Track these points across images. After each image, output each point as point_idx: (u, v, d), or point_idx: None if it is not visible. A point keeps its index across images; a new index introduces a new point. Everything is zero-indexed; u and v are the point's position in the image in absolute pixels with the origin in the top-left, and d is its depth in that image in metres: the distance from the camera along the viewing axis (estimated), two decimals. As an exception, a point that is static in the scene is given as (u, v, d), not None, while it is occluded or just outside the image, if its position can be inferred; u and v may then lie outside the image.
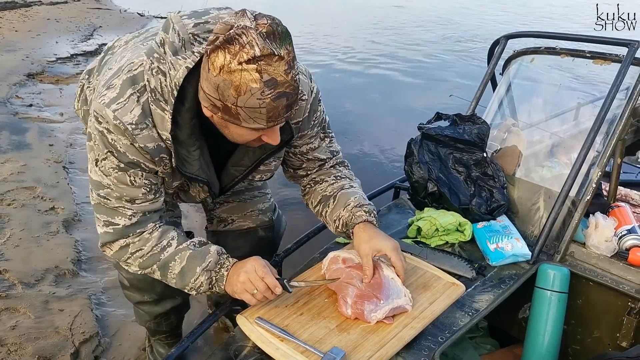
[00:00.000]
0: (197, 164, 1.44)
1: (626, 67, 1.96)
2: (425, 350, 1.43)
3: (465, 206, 2.00)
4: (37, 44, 7.93)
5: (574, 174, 1.88)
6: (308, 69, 1.58)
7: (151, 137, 1.35)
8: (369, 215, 1.61)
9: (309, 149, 1.68)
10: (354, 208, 1.61)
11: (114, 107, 1.32)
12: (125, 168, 1.39)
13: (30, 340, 2.37)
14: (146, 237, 1.49)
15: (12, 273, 2.80)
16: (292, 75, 1.19)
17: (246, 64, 1.13)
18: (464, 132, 2.08)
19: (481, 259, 1.86)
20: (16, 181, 3.83)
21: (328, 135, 1.72)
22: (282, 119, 1.26)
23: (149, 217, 1.50)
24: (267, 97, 1.17)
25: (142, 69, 1.33)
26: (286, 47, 1.18)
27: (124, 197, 1.43)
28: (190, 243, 1.53)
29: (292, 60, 1.19)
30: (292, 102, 1.24)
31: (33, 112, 5.34)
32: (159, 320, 2.10)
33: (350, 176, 1.76)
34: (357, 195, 1.66)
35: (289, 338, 1.38)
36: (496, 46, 2.55)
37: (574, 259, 1.89)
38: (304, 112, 1.55)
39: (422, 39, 10.38)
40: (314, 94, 1.57)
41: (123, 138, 1.34)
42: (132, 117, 1.32)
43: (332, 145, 1.74)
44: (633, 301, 1.75)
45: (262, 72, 1.14)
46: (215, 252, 1.51)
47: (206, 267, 1.49)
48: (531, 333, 1.78)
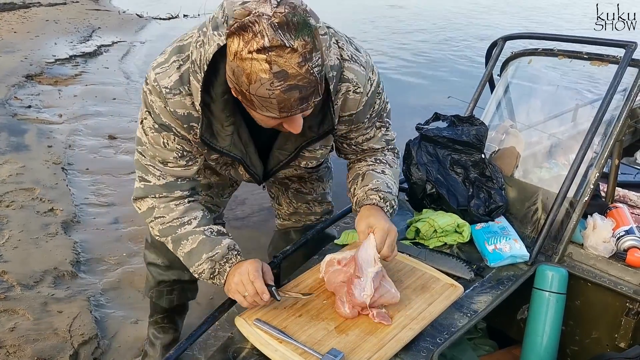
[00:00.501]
0: (229, 139, 1.45)
1: (623, 69, 1.96)
2: (423, 352, 1.43)
3: (463, 207, 2.00)
4: (35, 45, 7.92)
5: (572, 175, 1.88)
6: (370, 59, 1.53)
7: (182, 103, 1.40)
8: (381, 201, 1.59)
9: (365, 139, 1.66)
10: (370, 190, 1.60)
11: (157, 71, 1.40)
12: (159, 129, 1.46)
13: (29, 341, 2.37)
14: (172, 207, 1.56)
15: (11, 275, 2.80)
16: (307, 68, 1.16)
17: (256, 53, 1.13)
18: (462, 133, 2.08)
19: (479, 260, 1.86)
20: (15, 182, 3.83)
21: (385, 124, 1.69)
22: (297, 110, 1.23)
23: (178, 185, 1.56)
24: (277, 88, 1.16)
25: (190, 40, 1.39)
26: (303, 39, 1.14)
27: (157, 157, 1.52)
28: (209, 229, 1.56)
29: (309, 52, 1.16)
30: (308, 95, 1.21)
31: (32, 113, 5.34)
32: (162, 290, 2.11)
33: (392, 162, 1.72)
34: (381, 180, 1.63)
35: (288, 340, 1.38)
36: (494, 47, 2.55)
37: (572, 260, 1.89)
38: (359, 104, 1.51)
39: (418, 39, 10.39)
40: (372, 86, 1.52)
41: (158, 100, 1.41)
42: (169, 82, 1.38)
43: (387, 134, 1.71)
44: (631, 302, 1.75)
45: (272, 63, 1.13)
46: (225, 246, 1.53)
47: (212, 257, 1.52)
48: (530, 334, 1.78)
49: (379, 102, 1.58)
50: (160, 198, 1.56)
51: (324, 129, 1.47)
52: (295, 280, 1.64)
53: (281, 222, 2.22)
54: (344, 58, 1.44)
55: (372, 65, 1.52)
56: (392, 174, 1.70)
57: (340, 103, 1.48)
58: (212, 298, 2.77)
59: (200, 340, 1.51)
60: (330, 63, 1.37)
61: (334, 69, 1.39)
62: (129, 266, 3.01)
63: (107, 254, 3.15)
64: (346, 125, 1.57)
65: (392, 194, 1.63)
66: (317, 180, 2.06)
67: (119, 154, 4.62)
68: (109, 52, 8.29)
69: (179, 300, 2.17)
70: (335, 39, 1.43)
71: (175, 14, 11.54)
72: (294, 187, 2.07)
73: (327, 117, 1.45)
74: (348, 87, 1.46)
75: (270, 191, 2.17)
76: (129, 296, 2.80)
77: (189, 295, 2.21)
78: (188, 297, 2.22)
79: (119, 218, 3.56)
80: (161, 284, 2.10)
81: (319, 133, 1.49)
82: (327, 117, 1.45)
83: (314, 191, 2.08)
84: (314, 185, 2.07)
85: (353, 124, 1.57)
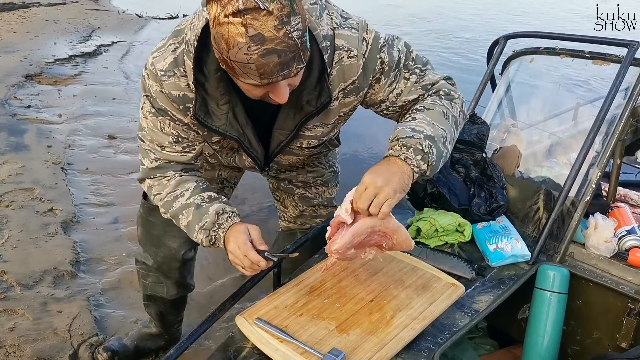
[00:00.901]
0: (225, 118, 1.45)
1: (626, 68, 1.96)
2: (425, 351, 1.43)
3: (464, 207, 2.00)
4: (35, 45, 7.91)
5: (574, 174, 1.88)
6: (363, 20, 1.46)
7: (177, 85, 1.42)
8: (401, 149, 1.38)
9: (396, 95, 1.52)
10: (391, 142, 1.43)
11: (154, 55, 1.43)
12: (156, 113, 1.49)
13: (28, 341, 2.36)
14: (164, 182, 1.59)
15: (11, 274, 2.79)
16: (285, 32, 1.14)
17: (232, 16, 1.12)
18: (464, 132, 2.07)
19: (481, 260, 1.85)
20: (14, 182, 3.82)
21: (413, 72, 1.52)
22: (279, 77, 1.21)
23: (171, 166, 1.58)
24: (254, 52, 1.15)
25: (187, 23, 1.41)
26: (279, 2, 1.13)
27: (154, 141, 1.54)
28: (199, 197, 1.56)
29: (286, 15, 1.14)
30: (288, 60, 1.19)
31: (31, 113, 5.33)
32: (138, 270, 2.12)
33: (431, 105, 1.49)
34: (402, 127, 1.43)
35: (289, 339, 1.37)
36: (495, 46, 2.55)
37: (573, 260, 1.88)
38: (357, 69, 1.43)
39: (419, 37, 10.39)
40: (369, 45, 1.43)
41: (154, 84, 1.43)
42: (164, 65, 1.41)
43: (423, 79, 1.53)
44: (633, 302, 1.75)
45: (247, 27, 1.12)
46: (213, 213, 1.53)
47: (202, 227, 1.53)
48: (531, 334, 1.77)
49: (386, 54, 1.46)
50: (155, 178, 1.60)
51: (321, 101, 1.43)
52: (295, 279, 1.63)
53: (286, 225, 2.21)
54: (334, 26, 1.41)
55: (365, 25, 1.45)
56: (426, 116, 1.46)
57: (337, 73, 1.44)
58: (211, 298, 2.77)
59: (201, 339, 1.50)
60: (322, 33, 1.36)
61: (327, 38, 1.37)
62: (128, 266, 3.00)
63: (106, 254, 3.15)
64: (354, 95, 1.49)
65: (417, 137, 1.38)
66: (322, 185, 2.05)
67: (119, 153, 4.61)
68: (108, 52, 8.28)
69: (152, 290, 2.13)
70: (328, 10, 1.42)
71: (175, 14, 11.51)
72: (299, 192, 2.06)
73: (324, 89, 1.42)
74: (340, 54, 1.42)
75: (275, 194, 2.16)
76: (129, 296, 2.79)
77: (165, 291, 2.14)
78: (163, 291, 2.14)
79: (118, 218, 3.56)
80: (137, 263, 2.12)
81: (317, 106, 1.45)
82: (324, 89, 1.42)
83: (320, 196, 2.07)
84: (319, 190, 2.06)
85: (359, 91, 1.49)
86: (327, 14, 1.41)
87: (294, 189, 2.05)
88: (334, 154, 2.06)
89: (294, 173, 1.99)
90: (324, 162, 2.02)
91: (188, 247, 2.01)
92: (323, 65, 1.38)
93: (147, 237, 2.01)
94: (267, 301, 1.53)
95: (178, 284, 2.10)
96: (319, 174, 2.02)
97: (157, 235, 1.97)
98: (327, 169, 2.03)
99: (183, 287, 2.15)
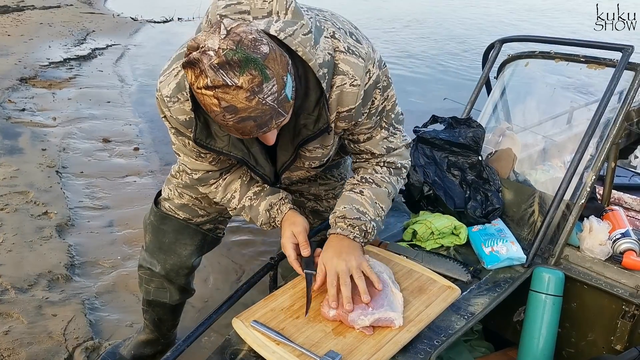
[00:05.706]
0: (227, 139, 1.45)
1: (620, 72, 1.97)
2: (421, 354, 1.43)
3: (460, 209, 2.01)
4: (29, 48, 7.89)
5: (569, 177, 1.89)
6: (372, 51, 1.47)
7: (182, 110, 1.43)
8: (347, 228, 1.58)
9: (365, 138, 1.60)
10: (337, 218, 1.61)
11: (160, 79, 1.44)
12: (176, 133, 1.53)
13: (23, 345, 2.35)
14: (213, 190, 1.69)
15: (5, 278, 2.78)
16: (258, 100, 1.16)
17: (205, 89, 1.14)
18: (460, 136, 2.08)
19: (476, 263, 1.86)
20: (9, 186, 3.80)
21: (390, 128, 1.62)
22: (259, 134, 1.26)
23: (210, 175, 1.65)
24: (230, 120, 1.18)
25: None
26: (249, 73, 1.13)
27: (187, 155, 1.60)
28: (246, 199, 1.67)
29: (257, 85, 1.14)
30: (265, 121, 1.21)
31: (26, 116, 5.31)
32: (142, 276, 2.10)
33: (381, 181, 1.64)
34: (350, 207, 1.60)
35: (285, 341, 1.37)
36: (491, 50, 2.56)
37: (568, 263, 1.89)
38: (357, 98, 1.44)
39: (413, 41, 10.42)
40: (371, 79, 1.45)
41: (164, 108, 1.45)
42: (168, 91, 1.42)
43: (392, 141, 1.63)
44: (627, 304, 1.76)
45: (219, 99, 1.14)
46: (264, 213, 1.66)
47: (262, 223, 1.68)
48: (526, 336, 1.78)
49: (379, 97, 1.51)
50: (205, 186, 1.70)
51: (318, 126, 1.43)
52: (292, 282, 1.63)
53: None
54: (340, 50, 1.40)
55: (374, 59, 1.46)
56: (373, 194, 1.62)
57: (337, 97, 1.43)
58: (206, 301, 2.76)
59: (197, 342, 1.50)
60: (319, 61, 1.33)
61: (324, 65, 1.35)
62: (123, 269, 2.99)
63: (101, 257, 3.13)
64: (346, 122, 1.51)
65: (363, 218, 1.58)
66: (333, 198, 2.01)
67: (114, 157, 4.59)
68: (103, 55, 8.26)
69: (154, 295, 2.11)
70: (331, 31, 1.40)
71: (169, 17, 11.52)
72: (310, 205, 2.04)
73: (322, 115, 1.41)
74: (343, 79, 1.41)
75: None
76: (124, 299, 2.78)
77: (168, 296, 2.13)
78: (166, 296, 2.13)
79: (113, 221, 3.55)
80: (141, 268, 2.09)
81: (314, 131, 1.45)
82: (322, 115, 1.41)
83: (331, 210, 2.05)
84: (330, 204, 2.02)
85: (352, 120, 1.50)
86: (326, 37, 1.38)
87: (305, 201, 2.03)
88: (345, 166, 2.04)
89: (305, 185, 1.98)
90: (335, 174, 2.00)
91: (198, 255, 2.02)
92: (321, 91, 1.37)
93: (156, 244, 1.99)
94: (263, 304, 1.53)
95: (181, 290, 2.09)
96: (331, 187, 2.00)
97: (167, 243, 1.96)
98: (339, 181, 2.01)
99: (186, 292, 2.14)
